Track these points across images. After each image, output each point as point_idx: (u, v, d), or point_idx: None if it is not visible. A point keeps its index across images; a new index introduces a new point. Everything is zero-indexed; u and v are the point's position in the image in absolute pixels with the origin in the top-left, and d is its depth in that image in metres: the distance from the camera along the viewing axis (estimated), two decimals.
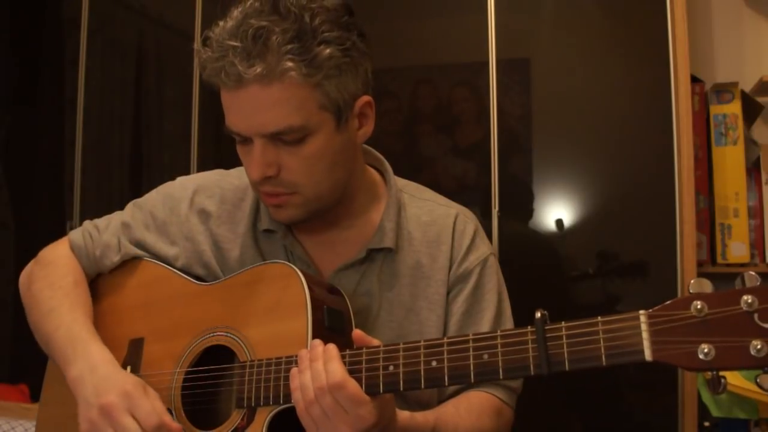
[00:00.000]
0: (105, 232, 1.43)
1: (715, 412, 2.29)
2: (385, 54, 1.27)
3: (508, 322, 1.39)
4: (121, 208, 1.48)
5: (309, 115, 1.17)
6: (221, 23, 1.17)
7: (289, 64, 1.12)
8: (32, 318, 1.38)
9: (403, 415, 1.17)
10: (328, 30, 1.15)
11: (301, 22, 1.13)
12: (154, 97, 3.37)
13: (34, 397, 3.07)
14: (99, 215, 1.49)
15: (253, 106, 1.16)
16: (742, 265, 2.84)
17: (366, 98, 1.26)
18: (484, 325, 1.34)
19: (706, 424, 2.52)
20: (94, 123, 3.36)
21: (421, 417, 1.21)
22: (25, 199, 3.53)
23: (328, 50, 1.15)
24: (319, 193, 1.24)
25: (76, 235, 1.44)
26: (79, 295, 1.38)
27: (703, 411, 2.46)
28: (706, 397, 2.33)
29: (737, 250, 2.84)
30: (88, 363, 1.24)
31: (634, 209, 2.74)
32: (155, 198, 1.44)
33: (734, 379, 2.01)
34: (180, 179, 1.47)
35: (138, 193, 1.50)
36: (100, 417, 1.16)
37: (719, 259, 2.86)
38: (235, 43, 1.12)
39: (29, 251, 1.46)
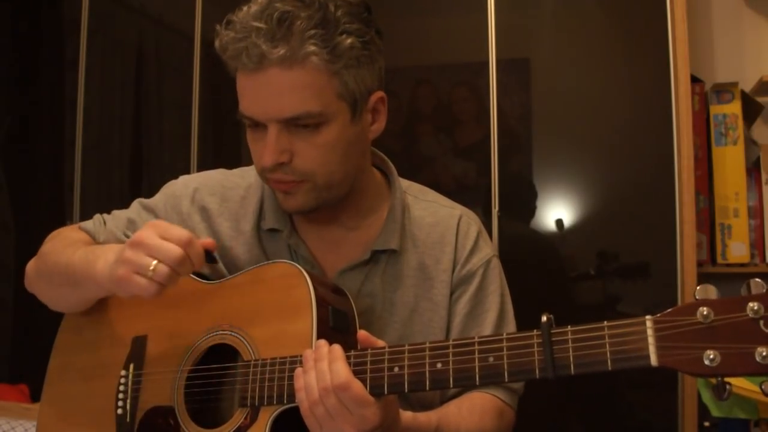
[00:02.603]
0: (110, 222, 1.44)
1: (715, 412, 2.29)
2: (385, 54, 1.28)
3: (511, 324, 1.40)
4: (121, 207, 1.48)
5: (327, 103, 1.18)
6: (245, 8, 1.18)
7: (312, 48, 1.14)
8: (46, 271, 1.38)
9: (406, 415, 1.17)
10: (349, 22, 1.17)
11: (325, 11, 1.15)
12: (154, 97, 3.37)
13: (34, 397, 3.06)
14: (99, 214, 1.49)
15: (272, 90, 1.16)
16: (742, 265, 2.84)
17: (380, 93, 1.27)
18: (487, 326, 1.35)
19: (706, 424, 2.52)
20: (94, 123, 3.36)
21: (424, 417, 1.21)
22: (25, 199, 3.53)
23: (349, 40, 1.17)
24: (329, 182, 1.24)
25: (85, 222, 1.46)
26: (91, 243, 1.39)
27: (703, 411, 2.46)
28: (706, 397, 2.33)
29: (737, 250, 2.84)
30: (111, 247, 1.25)
31: (635, 209, 2.74)
32: (159, 199, 1.44)
33: (735, 379, 2.01)
34: (183, 178, 1.47)
35: (138, 193, 1.50)
36: (133, 251, 1.15)
37: (719, 259, 2.87)
38: (259, 25, 1.14)
39: (29, 251, 1.46)
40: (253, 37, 1.13)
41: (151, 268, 1.13)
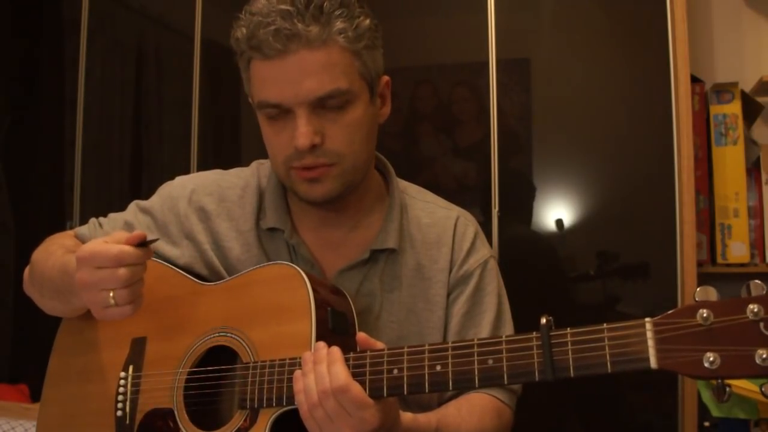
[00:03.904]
0: (106, 225, 1.44)
1: (715, 412, 2.29)
2: (385, 54, 1.29)
3: (508, 324, 1.40)
4: (121, 208, 1.48)
5: (353, 81, 1.21)
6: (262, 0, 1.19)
7: (341, 26, 1.17)
8: (35, 281, 1.38)
9: (406, 417, 1.18)
10: (360, 6, 1.21)
11: None
12: (154, 97, 3.37)
13: (34, 397, 3.07)
14: (99, 215, 1.49)
15: (300, 73, 1.17)
16: (742, 265, 2.84)
17: (387, 78, 1.31)
18: (484, 327, 1.35)
19: (706, 424, 2.52)
20: (94, 123, 3.36)
21: (424, 419, 1.21)
22: (25, 199, 3.53)
23: (367, 21, 1.21)
24: (356, 164, 1.25)
25: (80, 227, 1.47)
26: (76, 246, 1.38)
27: (703, 411, 2.46)
28: (706, 397, 2.33)
29: (737, 250, 2.84)
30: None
31: (634, 209, 2.74)
32: (155, 201, 1.44)
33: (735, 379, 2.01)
34: (179, 179, 1.47)
35: (138, 193, 1.50)
36: (86, 292, 1.17)
37: (719, 259, 2.87)
38: (287, 7, 1.16)
39: (29, 252, 1.46)
40: (280, 20, 1.15)
41: (111, 298, 1.14)
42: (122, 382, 1.34)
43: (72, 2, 3.40)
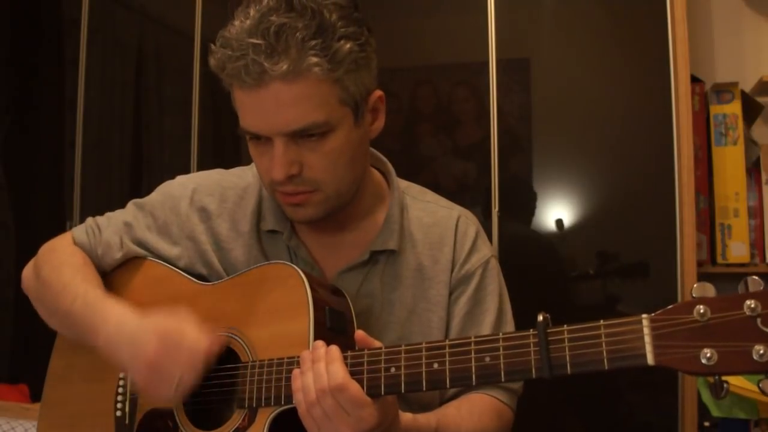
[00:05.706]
0: (106, 230, 1.42)
1: (715, 412, 2.29)
2: (385, 54, 1.27)
3: (509, 324, 1.39)
4: (121, 207, 1.47)
5: (331, 111, 1.17)
6: (236, 23, 1.15)
7: (314, 59, 1.12)
8: (46, 302, 1.37)
9: (406, 416, 1.18)
10: (344, 26, 1.15)
11: (320, 18, 1.13)
12: (154, 97, 3.37)
13: (34, 397, 3.07)
14: (99, 215, 1.48)
15: (276, 105, 1.14)
16: (742, 265, 2.84)
17: (378, 92, 1.26)
18: (486, 326, 1.34)
19: (706, 424, 2.52)
20: (94, 123, 3.36)
21: (423, 419, 1.21)
22: (25, 199, 3.53)
23: (347, 45, 1.15)
24: (339, 189, 1.23)
25: (79, 232, 1.43)
26: (88, 269, 1.38)
27: (703, 411, 2.46)
28: (706, 397, 2.33)
29: (737, 250, 2.84)
30: (113, 323, 1.24)
31: (634, 209, 2.74)
32: (155, 198, 1.43)
33: (734, 379, 2.01)
34: (180, 178, 1.46)
35: (138, 192, 1.49)
36: (152, 374, 1.18)
37: (719, 259, 2.87)
38: (257, 41, 1.11)
39: (29, 251, 1.45)
40: (251, 55, 1.11)
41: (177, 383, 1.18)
42: (122, 382, 1.34)
43: (72, 2, 3.40)
